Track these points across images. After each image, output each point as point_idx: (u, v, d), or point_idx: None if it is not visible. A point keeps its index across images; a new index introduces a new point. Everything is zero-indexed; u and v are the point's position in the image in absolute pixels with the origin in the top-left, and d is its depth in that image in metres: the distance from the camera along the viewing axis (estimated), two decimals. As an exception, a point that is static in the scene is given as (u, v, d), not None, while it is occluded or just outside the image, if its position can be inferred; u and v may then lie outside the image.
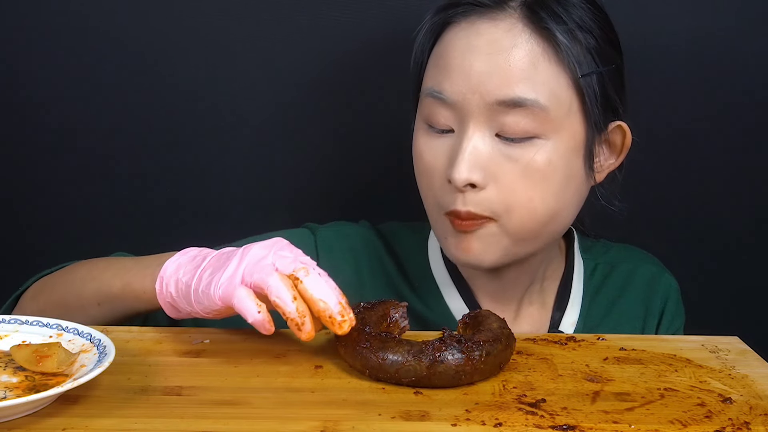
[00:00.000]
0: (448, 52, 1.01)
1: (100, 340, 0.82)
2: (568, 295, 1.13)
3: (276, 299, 0.82)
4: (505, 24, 0.99)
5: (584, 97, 0.99)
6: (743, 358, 0.92)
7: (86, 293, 0.98)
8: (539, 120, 0.97)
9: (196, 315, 0.89)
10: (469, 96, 0.98)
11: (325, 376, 0.84)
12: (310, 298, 0.82)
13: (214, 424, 0.73)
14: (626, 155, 1.06)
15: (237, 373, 0.84)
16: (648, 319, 1.15)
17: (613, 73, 1.02)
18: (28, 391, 0.75)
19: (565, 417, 0.76)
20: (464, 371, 0.80)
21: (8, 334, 0.86)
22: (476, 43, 0.99)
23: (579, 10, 1.00)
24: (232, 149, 1.38)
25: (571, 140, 0.99)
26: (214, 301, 0.84)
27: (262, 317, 0.82)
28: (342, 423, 0.73)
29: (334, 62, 1.35)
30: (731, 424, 0.76)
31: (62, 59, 1.34)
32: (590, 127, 1.01)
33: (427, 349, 0.81)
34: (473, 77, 0.98)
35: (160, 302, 0.91)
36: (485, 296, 1.11)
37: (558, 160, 0.99)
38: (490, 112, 0.98)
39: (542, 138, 0.98)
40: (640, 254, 1.21)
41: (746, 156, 1.38)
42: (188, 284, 0.87)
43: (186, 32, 1.34)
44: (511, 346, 0.85)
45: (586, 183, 1.04)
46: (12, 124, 1.37)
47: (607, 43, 1.02)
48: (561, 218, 1.03)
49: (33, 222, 1.40)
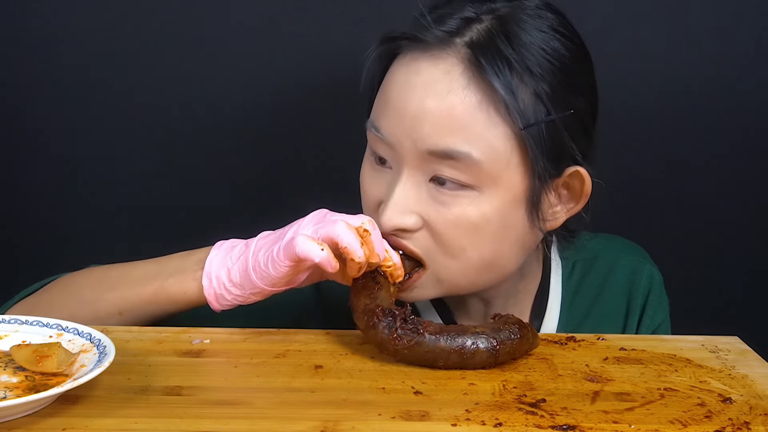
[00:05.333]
0: (389, 86, 0.95)
1: (100, 340, 0.82)
2: (546, 304, 1.10)
3: (347, 245, 0.87)
4: (445, 65, 0.92)
5: (527, 149, 0.92)
6: (743, 358, 0.92)
7: (104, 305, 0.97)
8: (472, 173, 0.91)
9: (251, 299, 0.92)
10: (402, 140, 0.93)
11: (325, 376, 0.84)
12: (372, 251, 0.89)
13: (214, 424, 0.73)
14: (588, 201, 0.98)
15: (237, 373, 0.84)
16: (629, 316, 1.12)
17: (569, 119, 0.93)
18: (28, 391, 0.75)
19: (565, 417, 0.76)
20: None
21: (8, 334, 0.86)
22: (414, 81, 0.92)
23: (535, 52, 0.92)
24: (230, 149, 1.38)
25: (508, 193, 0.93)
26: (281, 265, 0.88)
27: (327, 254, 0.86)
28: (342, 423, 0.73)
29: (334, 64, 1.35)
30: (731, 424, 0.76)
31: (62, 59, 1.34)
32: (533, 179, 0.93)
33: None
34: (406, 120, 0.92)
35: (207, 296, 0.93)
36: (462, 315, 1.08)
37: (492, 213, 0.93)
38: (422, 158, 0.92)
39: (476, 190, 0.92)
40: (620, 244, 1.16)
41: (746, 155, 1.39)
42: (244, 267, 0.91)
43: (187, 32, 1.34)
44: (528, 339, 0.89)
45: (531, 232, 0.97)
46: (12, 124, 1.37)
47: (566, 87, 0.94)
48: (500, 266, 0.98)
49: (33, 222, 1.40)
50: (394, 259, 0.92)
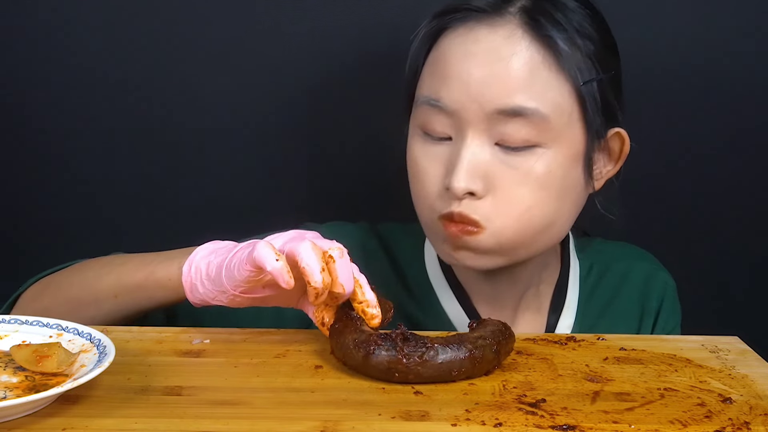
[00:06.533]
0: (445, 59, 1.00)
1: (100, 340, 0.82)
2: (564, 299, 1.13)
3: (305, 266, 0.82)
4: (504, 31, 0.97)
5: (585, 105, 0.98)
6: (743, 358, 0.92)
7: (102, 286, 0.98)
8: (539, 129, 0.96)
9: (219, 299, 0.89)
10: (468, 104, 0.97)
11: (325, 376, 0.84)
12: (335, 279, 0.83)
13: (214, 424, 0.73)
14: (624, 162, 1.05)
15: (237, 373, 0.84)
16: (644, 319, 1.15)
17: (611, 79, 1.01)
18: (28, 391, 0.75)
19: (565, 417, 0.76)
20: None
21: (8, 334, 0.86)
22: (474, 50, 0.97)
23: (578, 16, 0.99)
24: (231, 150, 1.38)
25: (571, 149, 0.98)
26: (243, 268, 0.84)
27: (281, 266, 0.81)
28: (342, 423, 0.73)
29: (334, 63, 1.35)
30: (731, 424, 0.76)
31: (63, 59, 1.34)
32: (590, 135, 1.00)
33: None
34: (472, 85, 0.97)
35: (184, 283, 0.91)
36: (481, 300, 1.10)
37: (557, 169, 0.98)
38: (489, 120, 0.96)
39: (542, 147, 0.97)
40: (635, 252, 1.20)
41: (746, 156, 1.38)
42: (220, 264, 0.88)
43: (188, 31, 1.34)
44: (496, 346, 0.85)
45: (585, 191, 1.03)
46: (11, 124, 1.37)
47: (606, 49, 1.01)
48: (557, 228, 1.02)
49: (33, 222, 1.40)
50: (368, 296, 0.86)
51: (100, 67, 1.35)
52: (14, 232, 1.40)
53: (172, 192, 1.39)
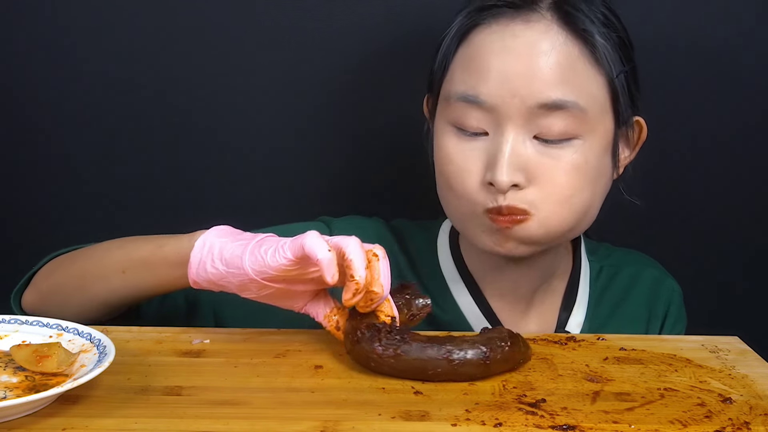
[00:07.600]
0: (480, 54, 1.00)
1: (100, 340, 0.82)
2: (575, 296, 1.13)
3: (351, 258, 0.83)
4: (541, 26, 0.99)
5: (617, 96, 1.01)
6: (743, 358, 0.92)
7: (111, 261, 0.98)
8: (577, 121, 0.98)
9: (227, 281, 0.88)
10: (508, 99, 0.98)
11: (325, 376, 0.84)
12: (376, 279, 0.85)
13: (214, 424, 0.73)
14: (640, 148, 1.08)
15: (237, 373, 0.84)
16: (651, 322, 1.16)
17: (633, 70, 1.04)
18: (28, 391, 0.75)
19: (565, 417, 0.76)
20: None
21: (8, 334, 0.86)
22: (512, 45, 0.99)
23: (602, 8, 1.02)
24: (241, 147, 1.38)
25: (603, 138, 1.01)
26: (281, 256, 0.84)
27: (331, 257, 0.82)
28: (342, 423, 0.74)
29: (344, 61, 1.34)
30: (731, 424, 0.76)
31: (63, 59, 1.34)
32: (619, 124, 1.03)
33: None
34: (512, 81, 0.98)
35: (192, 257, 0.89)
36: (494, 294, 1.11)
37: (593, 159, 1.00)
38: (528, 114, 0.98)
39: (579, 138, 0.99)
40: (643, 258, 1.21)
41: (747, 156, 1.38)
42: (239, 251, 0.87)
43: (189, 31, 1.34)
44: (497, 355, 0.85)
45: (611, 178, 1.06)
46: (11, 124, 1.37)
47: (627, 41, 1.04)
48: (592, 212, 1.04)
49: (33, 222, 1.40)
50: (395, 312, 0.89)
51: (100, 67, 1.35)
52: (14, 232, 1.40)
53: (172, 192, 1.39)
